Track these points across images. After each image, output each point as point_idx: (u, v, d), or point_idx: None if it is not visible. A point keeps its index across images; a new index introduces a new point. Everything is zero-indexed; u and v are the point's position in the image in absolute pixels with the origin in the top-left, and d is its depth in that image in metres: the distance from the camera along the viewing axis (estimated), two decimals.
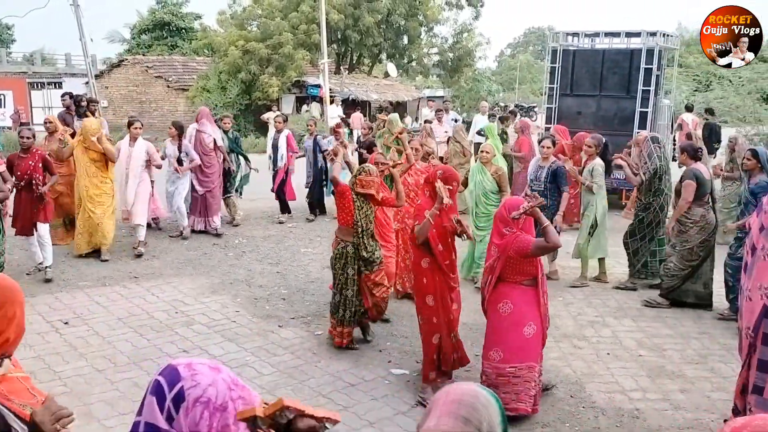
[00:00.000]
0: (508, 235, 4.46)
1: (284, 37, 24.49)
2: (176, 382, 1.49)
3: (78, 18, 20.37)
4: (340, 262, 5.61)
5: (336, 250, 5.66)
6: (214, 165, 9.79)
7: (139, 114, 26.44)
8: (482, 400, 1.56)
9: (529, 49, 61.72)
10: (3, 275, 1.98)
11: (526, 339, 4.49)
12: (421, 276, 4.90)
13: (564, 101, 12.25)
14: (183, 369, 1.52)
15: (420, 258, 4.88)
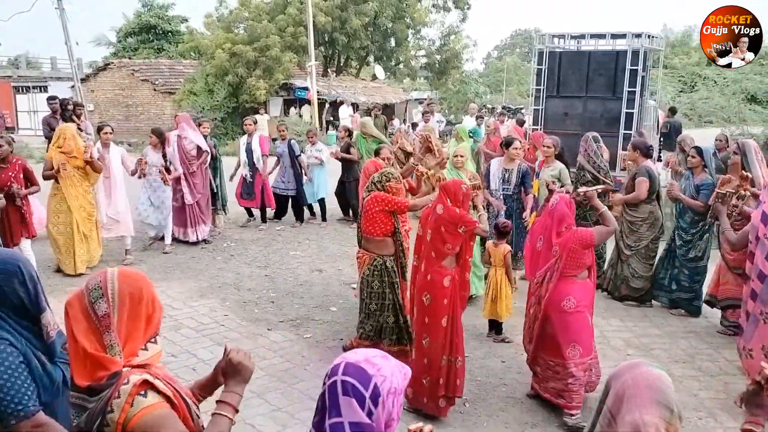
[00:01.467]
0: (566, 232, 4.51)
1: (271, 40, 24.46)
2: (369, 381, 1.59)
3: (63, 21, 20.26)
4: (378, 279, 5.18)
5: (370, 266, 5.20)
6: (198, 173, 9.34)
7: (125, 118, 26.43)
8: (666, 380, 1.81)
9: (516, 51, 62.03)
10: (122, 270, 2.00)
11: (591, 330, 4.64)
12: (441, 297, 4.60)
13: (551, 103, 12.30)
14: (367, 366, 1.61)
15: (442, 277, 4.61)
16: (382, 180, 5.25)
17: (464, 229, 4.59)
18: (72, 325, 1.91)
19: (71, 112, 11.11)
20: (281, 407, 4.76)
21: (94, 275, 1.99)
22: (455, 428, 4.56)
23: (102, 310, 1.91)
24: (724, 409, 4.83)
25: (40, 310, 2.37)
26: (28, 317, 2.35)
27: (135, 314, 1.95)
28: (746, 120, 15.13)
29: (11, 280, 2.29)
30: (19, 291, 2.30)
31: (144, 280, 2.01)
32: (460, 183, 4.85)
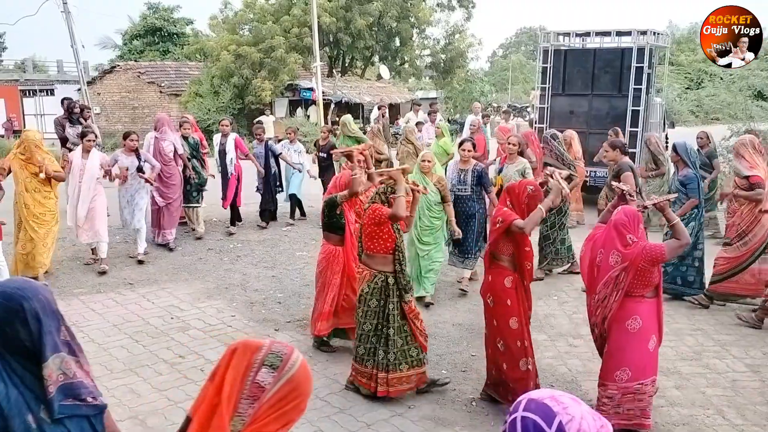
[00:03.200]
0: (633, 245, 4.19)
1: (276, 41, 24.51)
2: (552, 418, 1.48)
3: (69, 25, 20.35)
4: (376, 297, 4.77)
5: (370, 284, 4.79)
6: (175, 175, 9.21)
7: (131, 120, 26.53)
8: None
9: (521, 50, 61.86)
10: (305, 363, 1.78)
11: (651, 353, 4.31)
12: (505, 297, 4.47)
13: (556, 101, 12.30)
14: (551, 402, 1.50)
15: (502, 277, 4.48)
16: (387, 191, 4.86)
17: (501, 222, 4.51)
18: (229, 366, 1.70)
19: (78, 115, 11.18)
20: None
21: (283, 344, 1.76)
22: (462, 426, 4.56)
23: (263, 378, 1.68)
24: (732, 406, 4.82)
25: (41, 359, 2.02)
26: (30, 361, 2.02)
27: (281, 411, 1.71)
28: (753, 117, 15.01)
29: (12, 319, 1.98)
30: (21, 333, 1.99)
31: (310, 389, 1.78)
32: (527, 184, 4.62)
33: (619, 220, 4.27)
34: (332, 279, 5.65)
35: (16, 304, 1.98)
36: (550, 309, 6.91)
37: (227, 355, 1.73)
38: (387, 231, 4.75)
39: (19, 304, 1.98)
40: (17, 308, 1.97)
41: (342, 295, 5.67)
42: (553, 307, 6.96)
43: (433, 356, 5.64)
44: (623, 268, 4.20)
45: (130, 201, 8.55)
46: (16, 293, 1.99)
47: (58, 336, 2.06)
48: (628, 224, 4.23)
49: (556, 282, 7.78)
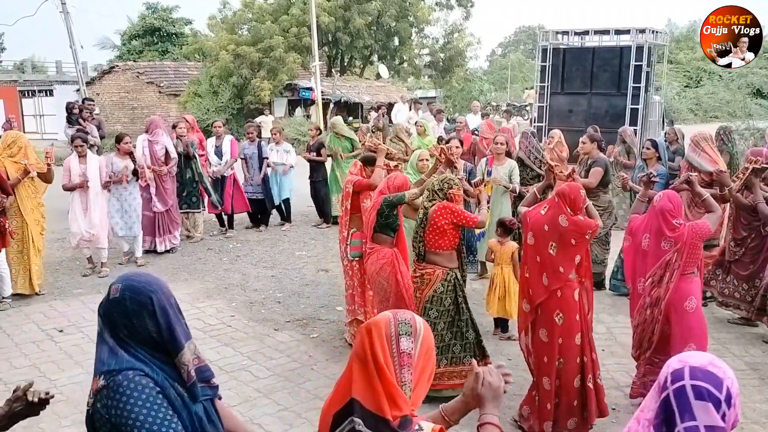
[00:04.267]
0: (680, 227, 4.30)
1: (275, 41, 24.51)
2: (721, 384, 1.58)
3: (68, 25, 20.38)
4: (450, 296, 4.75)
5: (444, 281, 4.72)
6: (170, 180, 9.03)
7: (131, 120, 26.52)
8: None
9: (520, 48, 61.85)
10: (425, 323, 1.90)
11: (705, 330, 4.54)
12: (574, 313, 4.27)
13: (555, 99, 12.31)
14: (714, 369, 1.60)
15: (572, 290, 4.28)
16: (443, 188, 4.76)
17: (591, 234, 4.26)
18: (375, 345, 1.78)
19: (77, 116, 11.16)
20: (288, 407, 4.78)
21: (403, 311, 1.88)
22: (461, 426, 4.55)
23: (406, 346, 1.80)
24: None
25: (176, 348, 2.10)
26: (164, 351, 2.10)
27: (426, 369, 1.86)
28: (752, 114, 15.06)
29: (141, 312, 2.05)
30: (149, 325, 2.05)
31: (434, 342, 1.92)
32: (579, 187, 4.39)
33: (665, 206, 4.36)
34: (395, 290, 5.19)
35: (145, 298, 2.06)
36: None
37: (365, 336, 1.81)
38: (456, 227, 4.77)
39: (148, 297, 2.06)
40: (146, 301, 2.05)
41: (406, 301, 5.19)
42: None
43: None
44: (677, 250, 4.31)
45: (120, 208, 8.25)
46: (144, 287, 2.08)
47: (183, 325, 2.16)
48: (673, 210, 4.35)
49: None
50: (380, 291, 5.25)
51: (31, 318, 6.58)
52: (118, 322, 2.05)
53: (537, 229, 4.34)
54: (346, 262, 5.89)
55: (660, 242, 4.41)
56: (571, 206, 4.23)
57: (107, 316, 2.07)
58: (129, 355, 2.04)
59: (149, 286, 2.09)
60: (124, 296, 2.05)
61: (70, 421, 4.58)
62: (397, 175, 5.53)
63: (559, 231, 4.21)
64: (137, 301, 2.04)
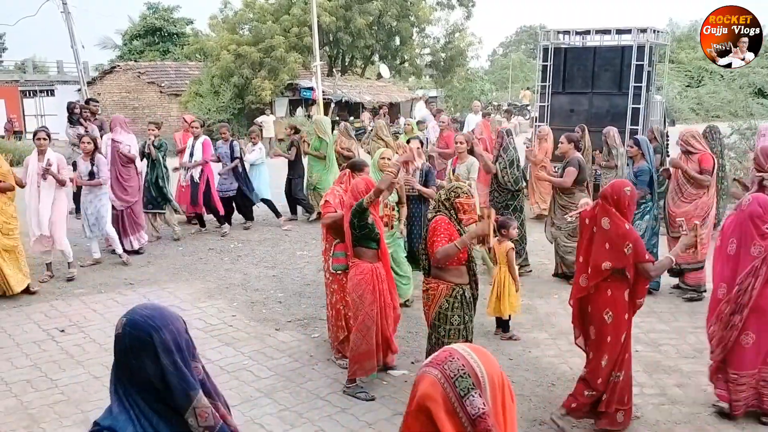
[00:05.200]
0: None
1: (276, 41, 24.52)
2: None
3: (69, 25, 20.41)
4: (458, 313, 4.40)
5: (449, 298, 4.39)
6: (133, 177, 8.89)
7: (132, 120, 26.47)
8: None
9: (522, 48, 61.81)
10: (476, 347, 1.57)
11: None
12: (623, 311, 4.20)
13: (556, 99, 12.29)
14: None
15: (623, 291, 4.18)
16: (450, 197, 4.39)
17: (630, 249, 4.04)
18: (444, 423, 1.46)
19: (78, 116, 11.16)
20: (289, 406, 4.77)
21: (444, 355, 1.54)
22: None
23: (478, 404, 1.46)
24: None
25: (180, 402, 1.73)
26: (163, 401, 1.73)
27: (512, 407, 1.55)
28: (754, 114, 15.05)
29: (140, 353, 1.70)
30: (149, 368, 1.70)
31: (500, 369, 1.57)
32: (623, 185, 4.22)
33: (755, 212, 4.29)
34: (374, 307, 4.83)
35: (145, 335, 1.71)
36: (551, 307, 6.91)
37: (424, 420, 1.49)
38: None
39: (148, 335, 1.71)
40: (146, 339, 1.71)
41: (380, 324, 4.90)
42: (554, 305, 6.95)
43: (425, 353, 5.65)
44: (764, 258, 4.24)
45: (92, 209, 8.12)
46: (145, 322, 1.73)
47: (192, 374, 1.78)
48: (764, 215, 4.28)
49: (556, 281, 7.78)
50: (353, 308, 4.91)
51: (32, 318, 6.58)
52: (119, 362, 1.74)
53: (584, 225, 4.33)
54: (328, 275, 5.47)
55: (750, 248, 4.33)
56: (616, 206, 4.13)
57: (114, 355, 1.76)
58: (119, 408, 1.70)
59: (152, 321, 1.74)
60: (125, 332, 1.73)
61: (71, 421, 4.58)
62: (358, 181, 5.10)
63: (601, 233, 4.16)
64: (137, 338, 1.70)
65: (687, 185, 6.96)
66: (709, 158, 6.88)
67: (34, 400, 4.88)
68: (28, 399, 4.90)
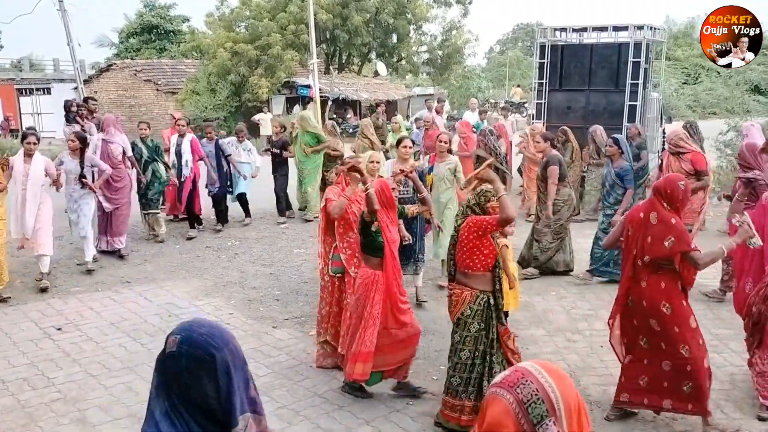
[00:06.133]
0: None
1: (273, 38, 24.49)
2: None
3: (65, 23, 20.35)
4: (478, 321, 4.27)
5: (472, 306, 4.25)
6: (124, 178, 8.70)
7: (128, 118, 26.44)
8: None
9: (518, 45, 61.86)
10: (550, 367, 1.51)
11: None
12: (680, 299, 4.20)
13: (553, 96, 12.28)
14: None
15: (675, 282, 4.21)
16: (480, 201, 4.30)
17: (672, 243, 4.01)
18: None
19: (75, 114, 11.13)
20: (287, 404, 4.77)
21: (517, 376, 1.49)
22: None
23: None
24: (730, 400, 4.83)
25: (231, 421, 1.69)
26: (219, 422, 1.69)
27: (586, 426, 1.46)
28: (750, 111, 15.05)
29: (198, 373, 1.64)
30: (207, 388, 1.65)
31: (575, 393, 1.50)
32: (677, 179, 4.18)
33: None
34: (372, 310, 4.66)
35: (206, 354, 1.65)
36: (549, 304, 6.92)
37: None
38: (488, 245, 4.25)
39: (209, 355, 1.65)
40: (206, 360, 1.65)
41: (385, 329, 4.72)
42: (552, 302, 6.96)
43: (432, 352, 5.65)
44: None
45: (75, 208, 7.98)
46: (206, 341, 1.66)
47: (247, 393, 1.74)
48: None
49: (554, 277, 7.78)
50: (353, 316, 4.82)
51: (29, 316, 6.57)
52: (171, 381, 1.68)
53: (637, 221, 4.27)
54: (326, 278, 5.38)
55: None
56: (669, 201, 4.10)
57: (161, 373, 1.71)
58: (167, 425, 1.67)
59: (212, 340, 1.67)
60: (181, 351, 1.66)
61: (68, 420, 4.57)
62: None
63: (648, 227, 4.13)
64: (196, 358, 1.64)
65: None
66: (701, 158, 6.96)
67: (31, 399, 4.88)
68: (25, 397, 4.90)
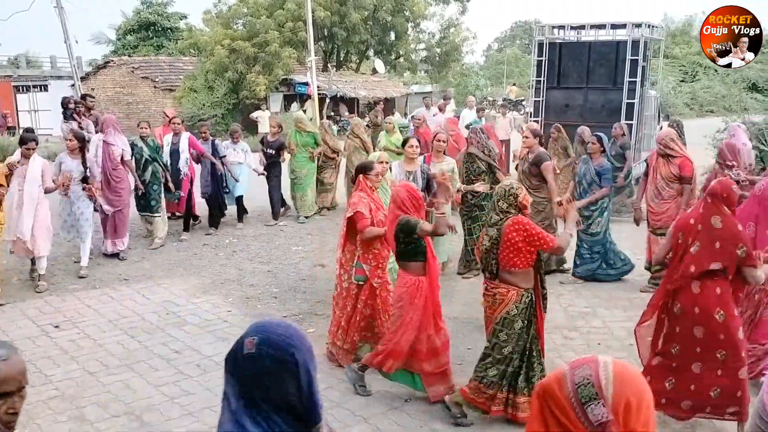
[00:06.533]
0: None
1: (270, 36, 24.43)
2: None
3: (62, 20, 20.29)
4: (521, 318, 4.28)
5: (518, 305, 4.26)
6: (123, 180, 8.46)
7: (126, 116, 26.45)
8: None
9: (516, 43, 61.87)
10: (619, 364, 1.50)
11: None
12: (733, 307, 4.15)
13: (551, 94, 12.28)
14: None
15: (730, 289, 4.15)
16: (510, 201, 4.26)
17: (745, 251, 3.99)
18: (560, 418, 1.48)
19: (72, 111, 11.11)
20: None
21: (583, 361, 1.52)
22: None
23: (598, 414, 1.44)
24: None
25: (315, 418, 1.72)
26: (299, 420, 1.71)
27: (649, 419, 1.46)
28: (747, 109, 15.05)
29: (280, 372, 1.67)
30: (289, 388, 1.68)
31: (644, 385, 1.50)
32: (730, 183, 4.19)
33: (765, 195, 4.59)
34: (414, 316, 4.54)
35: (287, 355, 1.68)
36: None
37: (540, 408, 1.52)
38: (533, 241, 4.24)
39: (290, 355, 1.68)
40: (288, 360, 1.68)
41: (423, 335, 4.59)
42: (550, 300, 6.94)
43: None
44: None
45: (73, 211, 7.75)
46: (284, 341, 1.70)
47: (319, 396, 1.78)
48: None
49: (550, 276, 7.78)
50: (394, 322, 4.67)
51: (27, 314, 6.56)
52: (251, 382, 1.69)
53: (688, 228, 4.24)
54: (346, 285, 5.22)
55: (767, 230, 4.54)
56: (727, 203, 4.11)
57: (237, 375, 1.71)
58: (255, 427, 1.67)
59: (291, 341, 1.71)
60: (261, 352, 1.68)
61: (66, 417, 4.57)
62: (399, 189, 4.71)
63: (711, 232, 4.10)
64: (277, 359, 1.67)
65: (666, 187, 6.96)
66: (688, 163, 6.91)
67: (29, 396, 4.82)
68: None
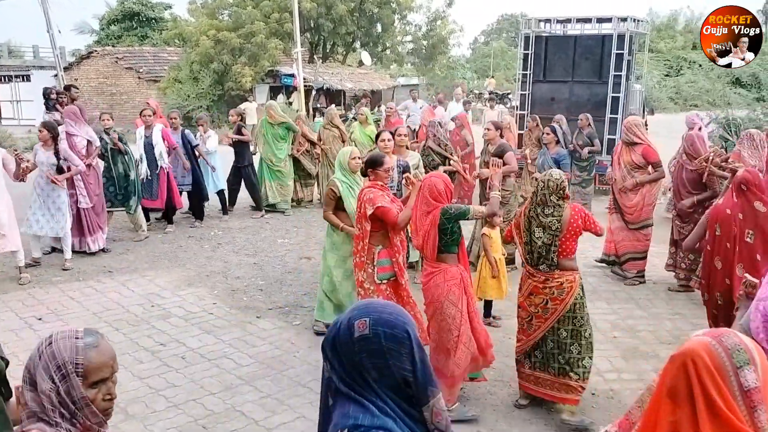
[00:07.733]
0: None
1: (256, 26, 24.26)
2: None
3: (45, 9, 20.02)
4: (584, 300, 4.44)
5: (581, 287, 4.41)
6: (93, 173, 8.14)
7: (109, 106, 26.16)
8: None
9: (503, 36, 61.79)
10: None
11: None
12: None
13: (537, 87, 12.33)
14: None
15: None
16: (560, 193, 4.31)
17: None
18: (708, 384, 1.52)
19: (54, 101, 10.99)
20: (271, 394, 4.78)
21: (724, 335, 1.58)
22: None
23: (751, 380, 1.51)
24: None
25: (428, 392, 1.70)
26: (409, 401, 1.70)
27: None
28: (731, 103, 15.21)
29: (399, 351, 1.66)
30: (405, 365, 1.67)
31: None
32: (756, 171, 4.34)
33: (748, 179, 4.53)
34: (470, 307, 4.47)
35: (402, 332, 1.67)
36: None
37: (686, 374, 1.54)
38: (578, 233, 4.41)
39: (405, 332, 1.68)
40: (404, 337, 1.67)
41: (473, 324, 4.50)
42: None
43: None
44: None
45: (44, 204, 7.52)
46: (397, 320, 1.69)
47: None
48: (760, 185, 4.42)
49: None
50: (444, 318, 4.39)
51: (10, 306, 6.50)
52: (366, 363, 1.67)
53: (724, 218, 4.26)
54: (368, 286, 4.94)
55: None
56: (760, 189, 4.19)
57: (343, 359, 1.69)
58: (379, 410, 1.66)
59: (402, 317, 1.70)
60: (377, 332, 1.66)
61: None
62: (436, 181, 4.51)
63: (756, 217, 4.14)
64: (394, 338, 1.66)
65: (627, 175, 7.08)
66: (651, 151, 6.97)
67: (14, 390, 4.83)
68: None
